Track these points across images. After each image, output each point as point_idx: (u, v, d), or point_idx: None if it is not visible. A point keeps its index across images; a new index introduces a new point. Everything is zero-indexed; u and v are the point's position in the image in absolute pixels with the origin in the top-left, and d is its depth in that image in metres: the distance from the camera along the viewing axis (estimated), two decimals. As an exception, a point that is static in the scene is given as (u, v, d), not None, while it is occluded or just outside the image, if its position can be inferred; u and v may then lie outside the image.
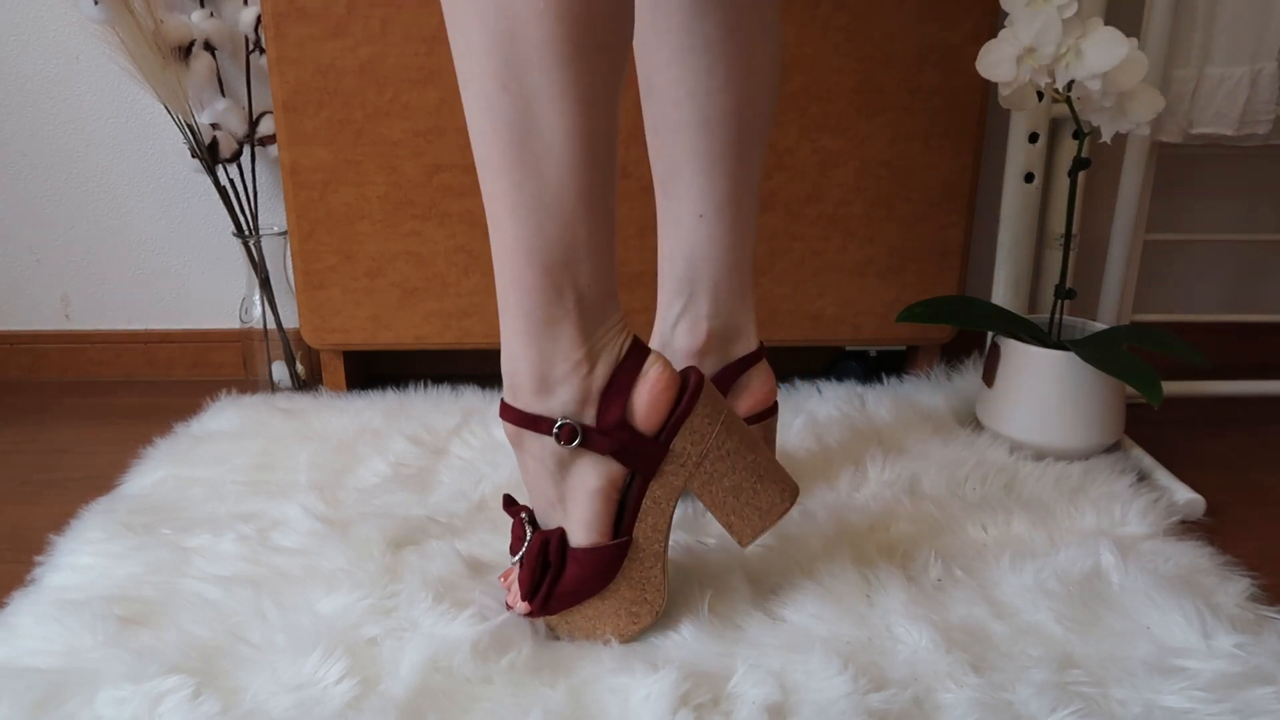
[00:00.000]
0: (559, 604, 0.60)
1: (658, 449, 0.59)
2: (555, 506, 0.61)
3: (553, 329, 0.57)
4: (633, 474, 0.60)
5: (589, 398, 0.59)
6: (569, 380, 0.58)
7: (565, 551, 0.60)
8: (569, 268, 0.57)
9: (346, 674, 0.56)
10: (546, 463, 0.59)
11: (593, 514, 0.59)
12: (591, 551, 0.59)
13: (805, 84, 0.98)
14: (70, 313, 1.22)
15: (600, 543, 0.59)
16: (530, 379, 0.58)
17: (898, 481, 0.83)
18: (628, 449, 0.59)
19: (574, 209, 0.56)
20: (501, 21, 0.52)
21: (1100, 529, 0.75)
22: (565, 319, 0.57)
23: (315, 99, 0.97)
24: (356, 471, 0.86)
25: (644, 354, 0.60)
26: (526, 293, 0.57)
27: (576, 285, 0.57)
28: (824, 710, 0.54)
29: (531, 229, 0.55)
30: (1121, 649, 0.60)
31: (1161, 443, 0.96)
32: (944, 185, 1.02)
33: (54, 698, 0.54)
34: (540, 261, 0.56)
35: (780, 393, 1.06)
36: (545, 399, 0.58)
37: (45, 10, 1.09)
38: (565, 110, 0.54)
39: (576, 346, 0.58)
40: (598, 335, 0.59)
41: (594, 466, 0.59)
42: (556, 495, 0.60)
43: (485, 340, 1.06)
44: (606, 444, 0.58)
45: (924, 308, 0.90)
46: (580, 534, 0.60)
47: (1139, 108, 0.81)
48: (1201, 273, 1.23)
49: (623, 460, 0.59)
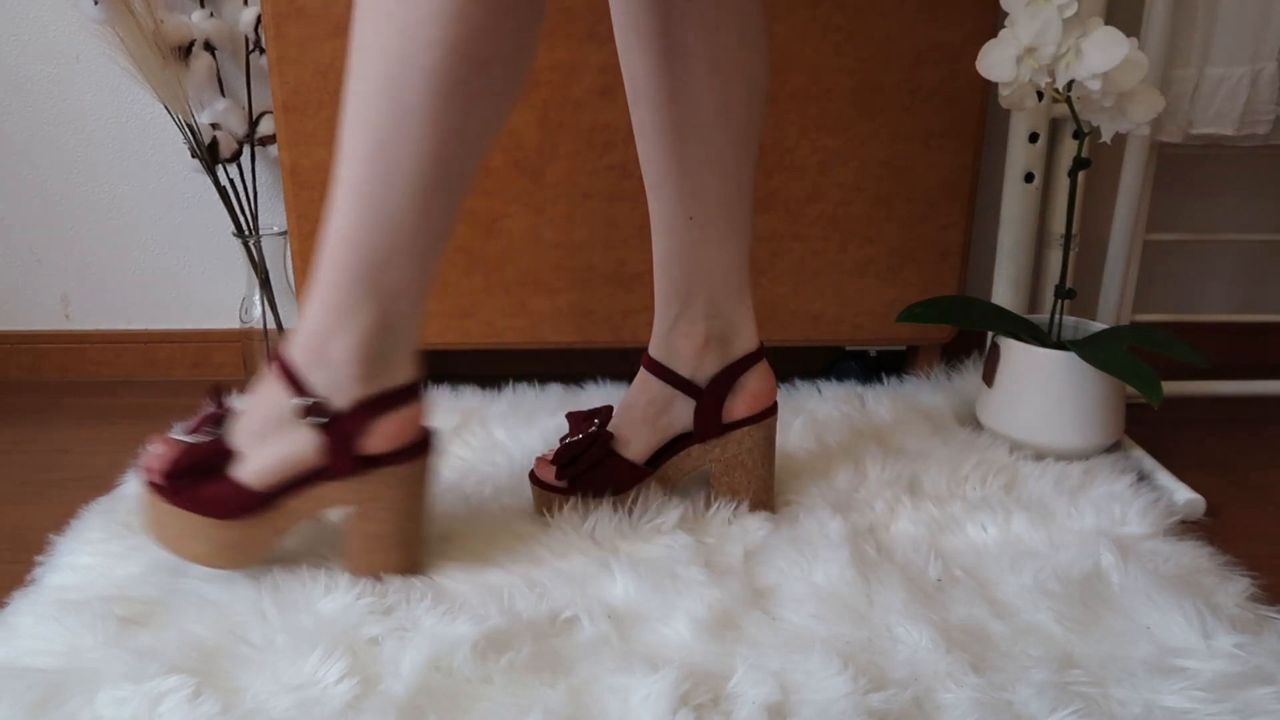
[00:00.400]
0: (187, 501, 0.63)
1: (359, 467, 0.63)
2: (254, 436, 0.63)
3: (346, 318, 0.61)
4: None
5: (349, 398, 0.62)
6: (343, 369, 0.62)
7: (222, 469, 0.63)
8: (383, 274, 0.60)
9: (346, 674, 0.56)
10: (278, 411, 0.63)
11: (272, 468, 0.63)
12: (243, 488, 0.63)
13: (805, 84, 0.98)
14: (70, 313, 1.22)
15: (256, 488, 0.63)
16: (312, 343, 0.62)
17: (898, 481, 0.82)
18: (343, 449, 0.62)
19: (407, 224, 0.59)
20: (397, 39, 0.55)
21: (1100, 529, 0.75)
22: (359, 317, 0.61)
23: (315, 99, 0.97)
24: (356, 471, 0.86)
25: (414, 396, 0.64)
26: (338, 275, 0.60)
27: (382, 291, 0.60)
28: (824, 710, 0.54)
29: (362, 223, 0.59)
30: (1121, 649, 0.60)
31: (1161, 443, 0.96)
32: (944, 185, 1.02)
33: (54, 698, 0.54)
34: (360, 256, 0.59)
35: (780, 393, 1.06)
36: (316, 367, 0.62)
37: (45, 10, 1.09)
38: (431, 135, 0.57)
39: (360, 344, 0.61)
40: (387, 349, 0.62)
41: (309, 440, 0.63)
42: (262, 431, 0.63)
43: (485, 340, 1.06)
44: (335, 438, 0.62)
45: (924, 308, 0.90)
46: (249, 471, 0.63)
47: (1139, 108, 0.81)
48: (1202, 273, 1.23)
49: (330, 455, 0.63)
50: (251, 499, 0.63)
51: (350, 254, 0.59)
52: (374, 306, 0.61)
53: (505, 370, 1.19)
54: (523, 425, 0.95)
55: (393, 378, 0.63)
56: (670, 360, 0.76)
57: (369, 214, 0.58)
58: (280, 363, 0.63)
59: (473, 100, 0.57)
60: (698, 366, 0.75)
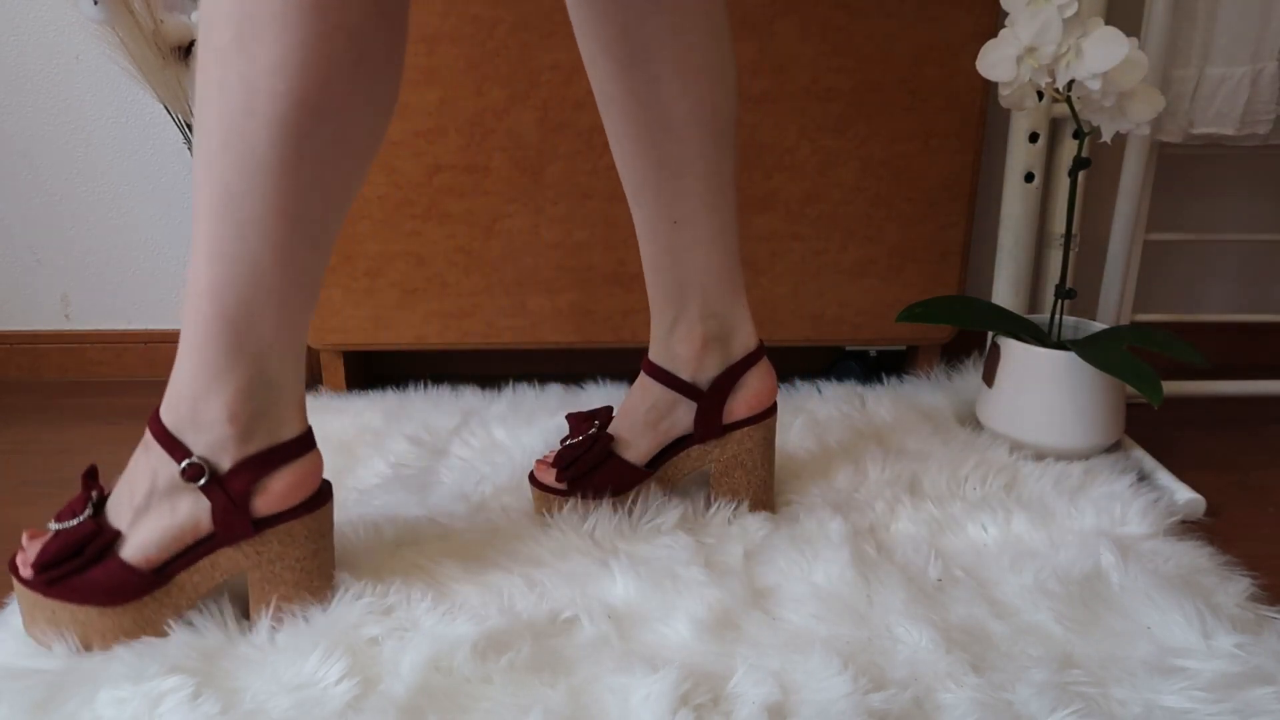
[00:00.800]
0: (67, 593, 0.58)
1: (250, 531, 0.60)
2: (134, 510, 0.59)
3: (217, 378, 0.57)
4: None
5: (233, 458, 0.59)
6: (221, 428, 0.58)
7: (104, 554, 0.58)
8: (250, 330, 0.57)
9: (346, 674, 0.56)
10: (158, 479, 0.59)
11: (158, 542, 0.59)
12: (127, 568, 0.58)
13: (805, 84, 0.98)
14: (70, 313, 1.22)
15: (143, 566, 0.58)
16: (185, 405, 0.58)
17: (898, 481, 0.82)
18: (230, 513, 0.59)
19: (270, 279, 0.56)
20: (241, 91, 0.52)
21: (1100, 529, 0.75)
22: (231, 376, 0.57)
23: (315, 99, 0.96)
24: (356, 472, 0.86)
25: (305, 449, 0.61)
26: (207, 335, 0.57)
27: (252, 348, 0.57)
28: (824, 710, 0.54)
29: (223, 280, 0.56)
30: (1121, 649, 0.60)
31: (1161, 443, 0.96)
32: (944, 185, 1.02)
33: (54, 698, 0.54)
34: (224, 314, 0.56)
35: (780, 393, 1.06)
36: (192, 429, 0.58)
37: (45, 10, 1.09)
38: (284, 189, 0.54)
39: (236, 403, 0.58)
40: (266, 405, 0.59)
41: (192, 506, 0.59)
42: (144, 504, 0.59)
43: (485, 340, 1.06)
44: (220, 498, 0.58)
45: (924, 308, 0.90)
46: (133, 550, 0.58)
47: (1139, 108, 0.81)
48: (1202, 273, 1.23)
49: (218, 518, 0.59)
50: (139, 579, 0.58)
51: (214, 312, 0.56)
52: (246, 364, 0.57)
53: (505, 370, 1.19)
54: (523, 425, 0.95)
55: (277, 434, 0.60)
56: (671, 364, 0.75)
57: (228, 270, 0.55)
58: (154, 427, 0.59)
59: (326, 152, 0.55)
60: (699, 369, 0.75)
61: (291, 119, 0.53)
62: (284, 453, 0.60)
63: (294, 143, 0.53)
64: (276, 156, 0.53)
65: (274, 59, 0.51)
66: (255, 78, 0.52)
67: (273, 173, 0.54)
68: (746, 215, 1.02)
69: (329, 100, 0.53)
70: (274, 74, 0.51)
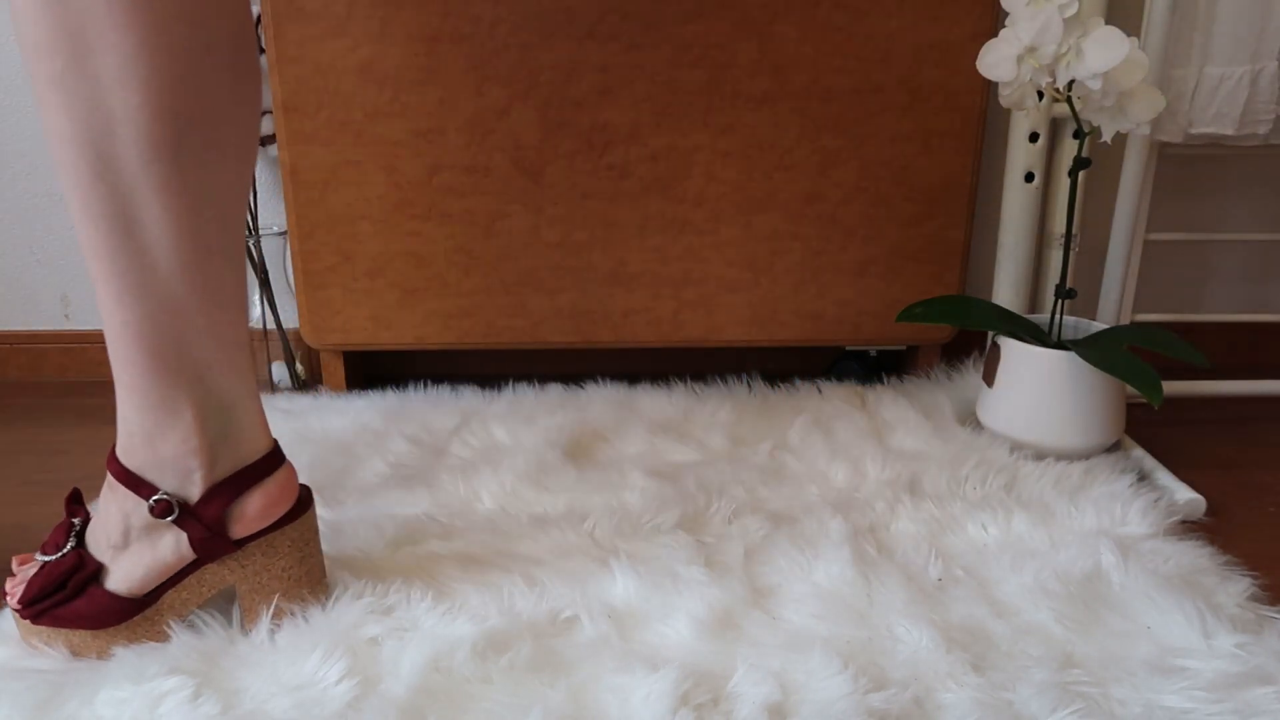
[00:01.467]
0: (50, 622, 0.58)
1: (233, 548, 0.59)
2: (114, 549, 0.58)
3: (165, 414, 0.55)
4: None
5: (202, 486, 0.57)
6: (183, 462, 0.56)
7: (87, 585, 0.58)
8: (185, 359, 0.55)
9: (346, 674, 0.56)
10: (131, 519, 0.57)
11: (142, 576, 0.58)
12: (112, 598, 0.58)
13: (805, 84, 0.98)
14: (70, 313, 1.22)
15: (129, 596, 0.58)
16: (140, 445, 0.56)
17: (898, 481, 0.82)
18: (210, 539, 0.58)
19: (186, 303, 0.54)
20: (95, 115, 0.49)
21: (1100, 529, 0.75)
22: (178, 408, 0.55)
23: (315, 99, 0.97)
24: (356, 472, 0.86)
25: (275, 464, 0.60)
26: (141, 376, 0.55)
27: (192, 377, 0.55)
28: (824, 710, 0.53)
29: (140, 315, 0.53)
30: (1122, 649, 0.60)
31: (1161, 443, 0.96)
32: (944, 185, 1.02)
33: (54, 698, 0.54)
34: (152, 348, 0.54)
35: (780, 393, 1.06)
36: (152, 469, 0.57)
37: (45, 10, 1.09)
38: (169, 205, 0.51)
39: (192, 434, 0.56)
40: (225, 429, 0.57)
41: (173, 541, 0.58)
42: (120, 543, 0.58)
43: (485, 340, 1.06)
44: (198, 529, 0.57)
45: (924, 308, 0.90)
46: (118, 582, 0.58)
47: (1139, 107, 0.81)
48: (1202, 273, 1.23)
49: (198, 546, 0.58)
50: (125, 605, 0.58)
51: (141, 349, 0.54)
52: (189, 394, 0.55)
53: (505, 370, 1.19)
54: (523, 425, 0.95)
55: (242, 456, 0.58)
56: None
57: (141, 305, 0.53)
58: (114, 468, 0.57)
59: (201, 156, 0.51)
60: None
61: (157, 132, 0.49)
62: (253, 474, 0.59)
63: (169, 158, 0.50)
64: (155, 176, 0.50)
65: (117, 69, 0.48)
66: (105, 96, 0.48)
67: (157, 193, 0.51)
68: (746, 215, 1.02)
69: (189, 103, 0.50)
70: (124, 86, 0.48)
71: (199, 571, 0.60)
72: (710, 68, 0.97)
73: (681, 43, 0.96)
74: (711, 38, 0.96)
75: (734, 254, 1.03)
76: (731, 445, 0.92)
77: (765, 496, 0.81)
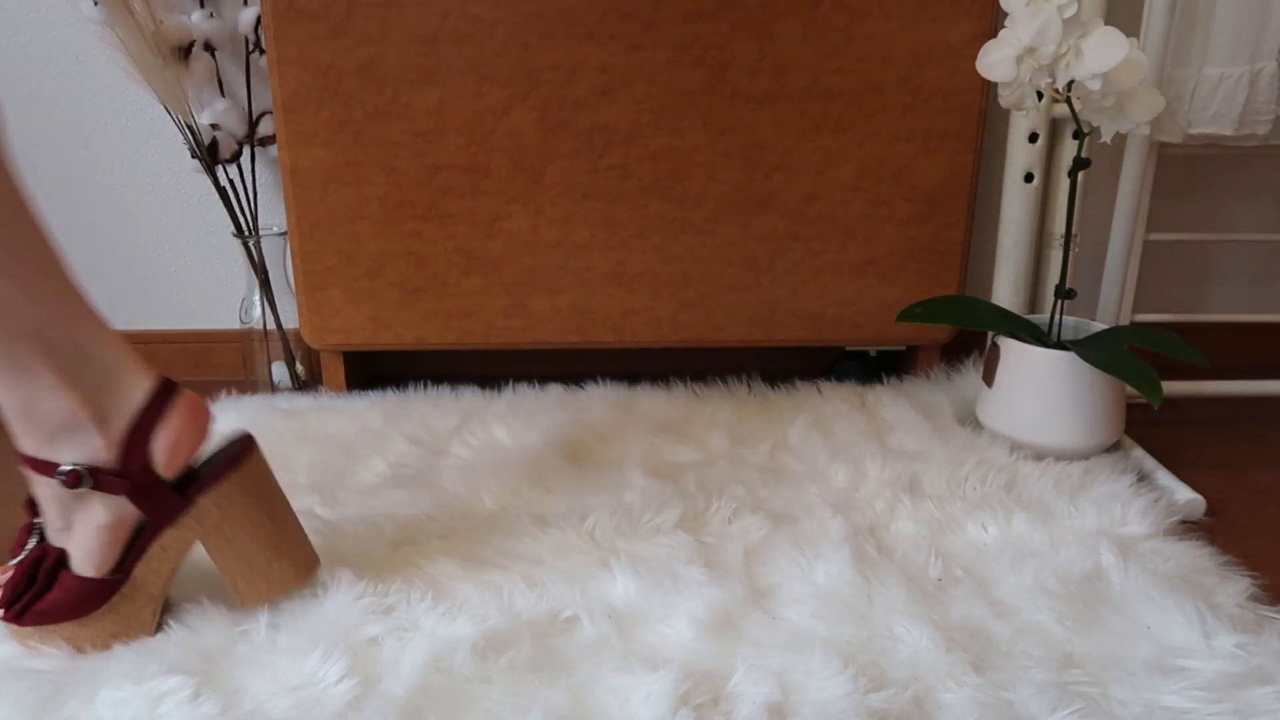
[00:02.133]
0: (34, 619, 0.59)
1: (180, 502, 0.59)
2: (62, 532, 0.59)
3: (23, 372, 0.54)
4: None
5: (109, 442, 0.57)
6: (72, 424, 0.56)
7: (56, 573, 0.59)
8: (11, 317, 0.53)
9: (346, 674, 0.56)
10: (58, 499, 0.58)
11: (97, 547, 0.59)
12: (82, 581, 0.59)
13: (805, 84, 0.98)
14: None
15: (95, 575, 0.59)
16: (28, 425, 0.56)
17: (898, 481, 0.83)
18: (145, 492, 0.58)
19: None
20: None
21: (1100, 529, 0.75)
22: (33, 363, 0.54)
23: (315, 99, 0.97)
24: (356, 472, 0.86)
25: (169, 396, 0.59)
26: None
27: (30, 330, 0.54)
28: (824, 710, 0.54)
29: None
30: (1122, 649, 0.60)
31: (1161, 443, 0.96)
32: (944, 185, 1.02)
33: (54, 698, 0.54)
34: None
35: (781, 393, 1.06)
36: (50, 444, 0.57)
37: (45, 10, 1.09)
38: None
39: (62, 392, 0.55)
40: (100, 379, 0.57)
41: (104, 504, 0.58)
42: (64, 524, 0.59)
43: (485, 340, 1.06)
44: (121, 485, 0.58)
45: (924, 308, 0.90)
46: (80, 563, 0.59)
47: (1139, 108, 0.81)
48: (1202, 273, 1.23)
49: (137, 503, 0.58)
50: (98, 586, 0.59)
51: None
52: (36, 350, 0.54)
53: (505, 370, 1.19)
54: (523, 425, 0.95)
55: (133, 400, 0.58)
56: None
57: None
58: (22, 458, 0.57)
59: None
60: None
61: None
62: (151, 412, 0.59)
63: None
64: None
65: None
66: None
67: None
68: (746, 215, 1.02)
69: None
70: None
71: (159, 538, 0.60)
72: (710, 68, 0.97)
73: (681, 43, 0.96)
74: (711, 38, 0.96)
75: (734, 254, 1.03)
76: (731, 445, 0.92)
77: (765, 496, 0.81)
